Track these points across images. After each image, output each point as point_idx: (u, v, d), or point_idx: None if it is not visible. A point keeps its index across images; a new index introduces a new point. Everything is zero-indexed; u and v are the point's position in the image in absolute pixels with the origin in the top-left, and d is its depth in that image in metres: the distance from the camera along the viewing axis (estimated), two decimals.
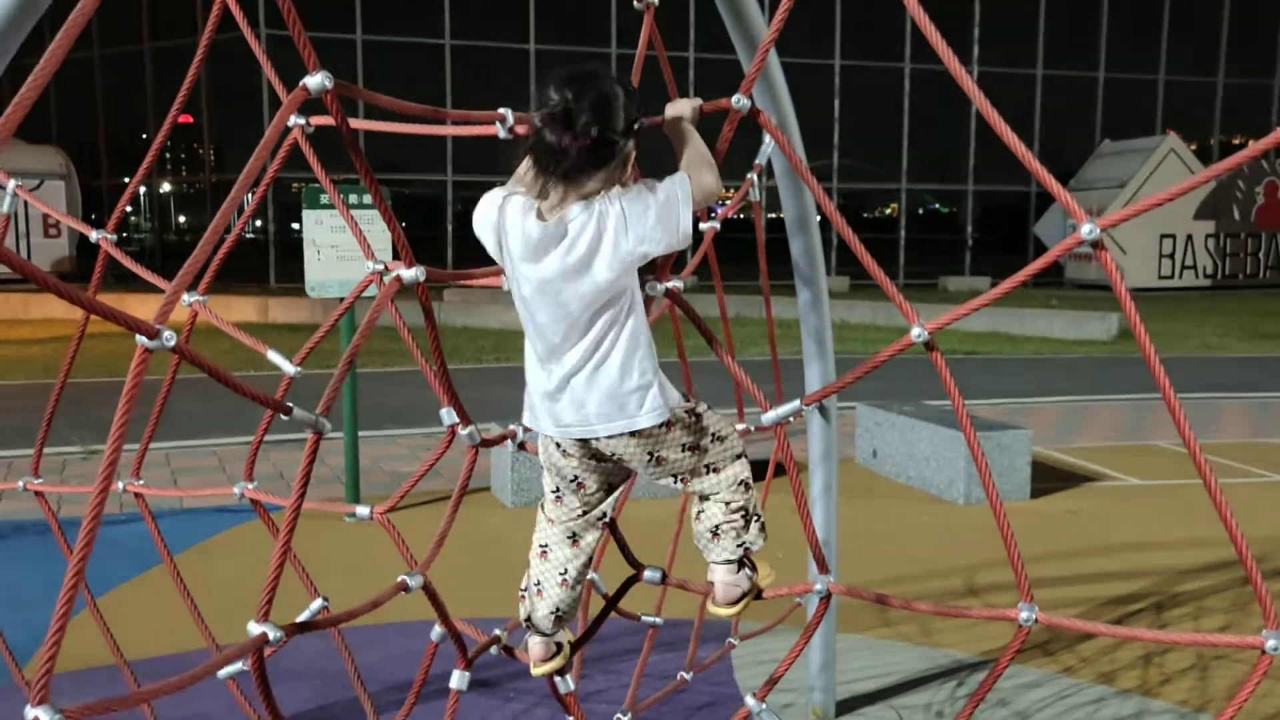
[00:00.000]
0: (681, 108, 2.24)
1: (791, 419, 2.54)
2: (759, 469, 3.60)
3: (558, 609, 2.38)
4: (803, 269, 3.45)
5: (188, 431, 8.68)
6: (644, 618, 3.18)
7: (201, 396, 10.03)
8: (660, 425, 2.17)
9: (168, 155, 34.28)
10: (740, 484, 2.31)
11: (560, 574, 2.35)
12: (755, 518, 2.34)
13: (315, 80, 1.66)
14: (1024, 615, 2.06)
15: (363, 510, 2.57)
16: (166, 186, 35.31)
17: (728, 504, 2.30)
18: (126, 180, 31.43)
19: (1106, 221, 1.79)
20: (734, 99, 2.28)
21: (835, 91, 31.53)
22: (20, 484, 3.15)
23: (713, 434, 2.27)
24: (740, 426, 3.16)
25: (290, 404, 1.63)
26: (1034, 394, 11.52)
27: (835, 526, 3.60)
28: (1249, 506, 6.73)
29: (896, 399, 8.28)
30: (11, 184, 2.91)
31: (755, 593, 2.39)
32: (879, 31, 31.50)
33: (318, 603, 2.39)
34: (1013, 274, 2.08)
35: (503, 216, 2.12)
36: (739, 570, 2.35)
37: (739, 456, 2.33)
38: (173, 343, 1.39)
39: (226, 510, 6.42)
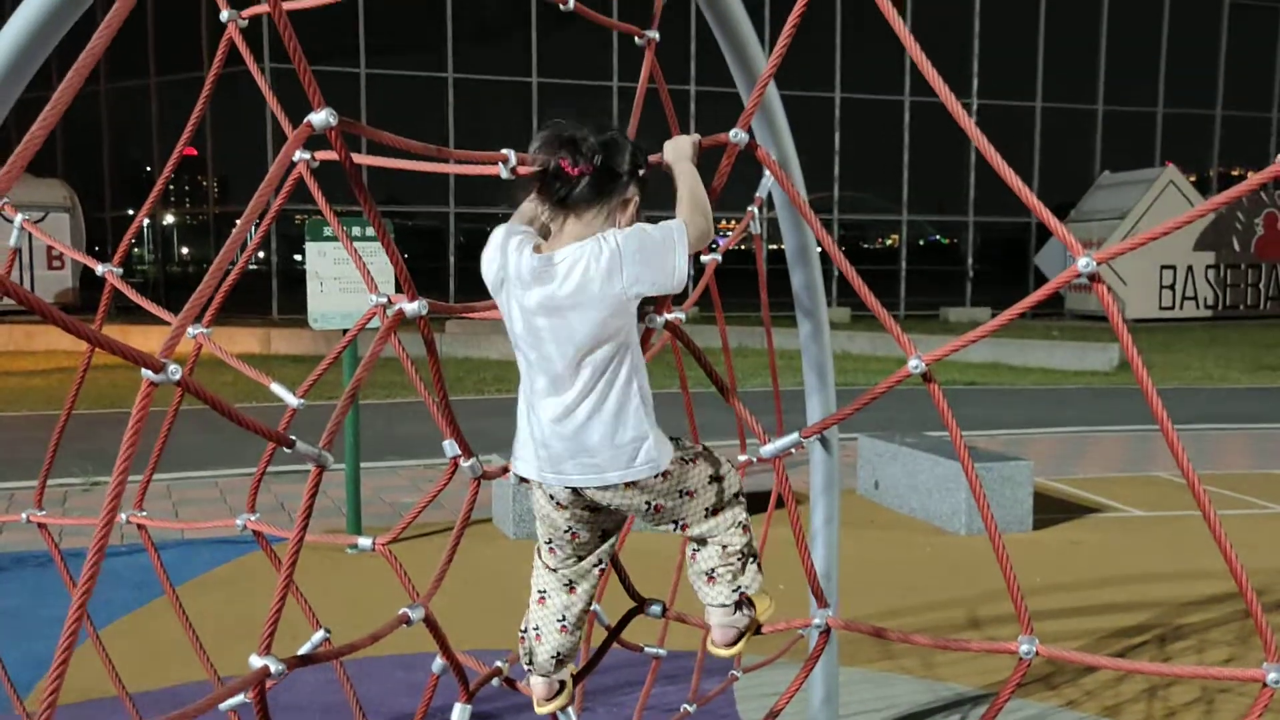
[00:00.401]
0: (681, 146, 2.25)
1: (793, 450, 2.54)
2: (760, 501, 3.60)
3: (558, 653, 2.35)
4: (804, 301, 3.46)
5: (189, 463, 8.69)
6: (647, 649, 3.18)
7: (203, 428, 10.04)
8: (656, 476, 2.13)
9: (171, 188, 34.46)
10: (738, 526, 2.28)
11: (559, 620, 2.33)
12: (751, 559, 2.31)
13: (320, 117, 1.68)
14: (1024, 648, 2.04)
15: (365, 542, 2.58)
16: (169, 219, 35.46)
17: (725, 547, 2.27)
18: (130, 212, 31.54)
19: (1103, 255, 1.81)
20: (732, 133, 2.30)
21: (836, 124, 31.70)
22: (23, 516, 3.16)
23: (710, 475, 2.24)
24: (741, 459, 3.17)
25: (293, 437, 1.64)
26: (1035, 425, 11.51)
27: (837, 558, 3.59)
28: (1250, 538, 6.71)
29: (898, 430, 8.28)
30: (19, 218, 2.93)
31: (754, 628, 2.38)
32: (879, 65, 31.71)
33: (319, 634, 2.39)
34: (1014, 305, 2.09)
35: (504, 254, 2.12)
36: (735, 611, 2.32)
37: (737, 495, 2.30)
38: (177, 376, 1.40)
39: (226, 542, 6.42)
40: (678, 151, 2.25)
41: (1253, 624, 5.05)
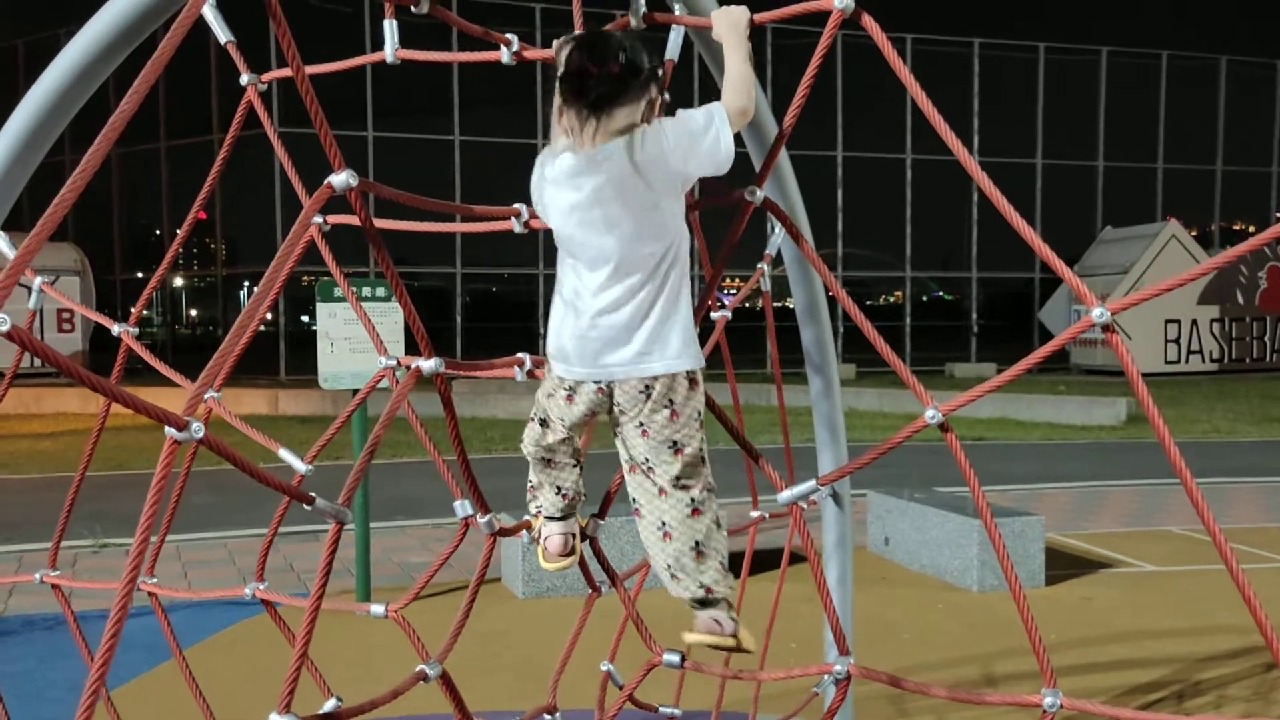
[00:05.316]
0: (736, 16, 2.24)
1: (804, 504, 2.53)
2: (770, 558, 3.58)
3: (559, 487, 2.38)
4: (814, 357, 3.47)
5: (198, 524, 8.66)
6: (662, 709, 3.15)
7: (211, 490, 10.03)
8: (678, 382, 2.17)
9: (180, 250, 34.74)
10: (706, 491, 2.26)
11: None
12: (713, 555, 2.26)
13: (340, 179, 1.71)
14: (1049, 700, 1.98)
15: (377, 609, 2.56)
16: (179, 281, 35.70)
17: (691, 503, 2.24)
18: (140, 275, 31.78)
19: (1116, 306, 1.82)
20: (747, 191, 2.34)
21: (839, 182, 31.96)
22: (37, 576, 3.15)
23: (698, 413, 2.24)
24: (754, 514, 3.17)
25: (312, 494, 1.65)
26: (1044, 480, 11.47)
27: (851, 615, 3.57)
28: (1263, 592, 6.64)
29: (908, 486, 8.25)
30: (38, 281, 2.97)
31: (737, 645, 2.32)
32: (880, 122, 32.05)
33: (330, 703, 2.37)
34: (1018, 360, 2.10)
35: (542, 170, 2.19)
36: (718, 608, 2.28)
37: (703, 459, 2.26)
38: (201, 434, 1.41)
39: (236, 604, 6.37)
40: (731, 23, 2.24)
41: (1271, 680, 5.00)
